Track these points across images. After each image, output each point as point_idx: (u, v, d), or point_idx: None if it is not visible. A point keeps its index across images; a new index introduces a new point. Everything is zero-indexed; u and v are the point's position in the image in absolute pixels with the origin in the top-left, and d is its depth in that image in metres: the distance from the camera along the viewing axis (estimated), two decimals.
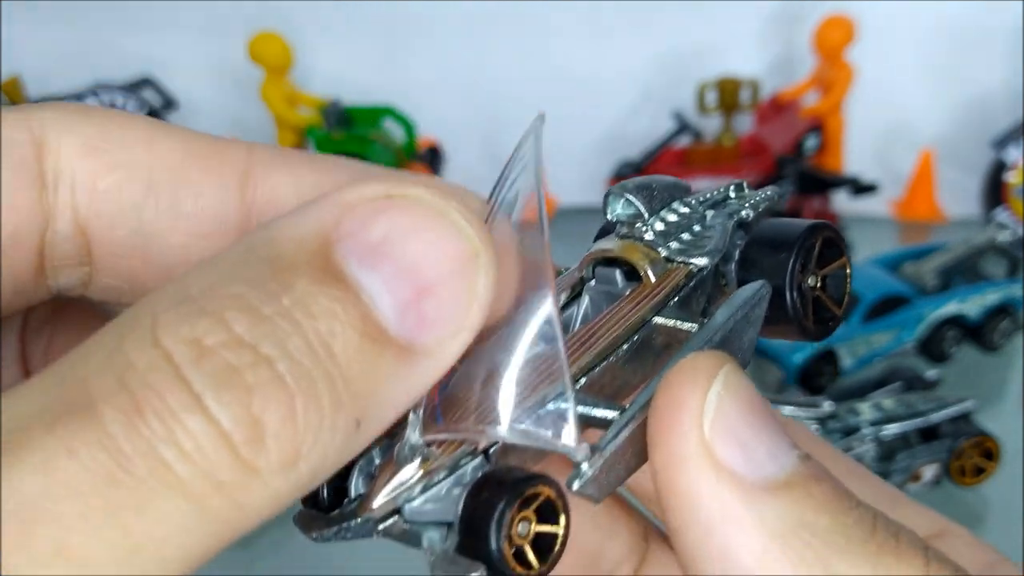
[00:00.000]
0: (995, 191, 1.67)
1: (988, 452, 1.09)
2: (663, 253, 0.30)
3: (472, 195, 0.26)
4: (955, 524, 0.27)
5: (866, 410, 1.08)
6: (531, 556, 0.24)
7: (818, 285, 0.30)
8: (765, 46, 1.75)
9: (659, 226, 0.30)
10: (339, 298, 0.22)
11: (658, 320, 0.28)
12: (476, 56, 1.76)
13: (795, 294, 0.29)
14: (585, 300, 0.30)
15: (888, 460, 1.05)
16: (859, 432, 1.04)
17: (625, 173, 1.66)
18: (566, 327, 0.29)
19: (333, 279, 0.22)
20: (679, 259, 0.29)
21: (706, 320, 0.28)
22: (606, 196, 0.31)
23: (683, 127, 1.69)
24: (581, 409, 0.26)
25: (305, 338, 0.21)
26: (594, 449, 0.25)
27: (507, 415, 0.25)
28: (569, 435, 0.25)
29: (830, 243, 0.30)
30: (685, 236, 0.30)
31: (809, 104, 1.69)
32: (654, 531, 0.36)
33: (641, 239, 0.30)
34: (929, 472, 1.07)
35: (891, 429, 1.05)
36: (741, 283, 0.30)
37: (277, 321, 0.21)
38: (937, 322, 1.35)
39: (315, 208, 0.23)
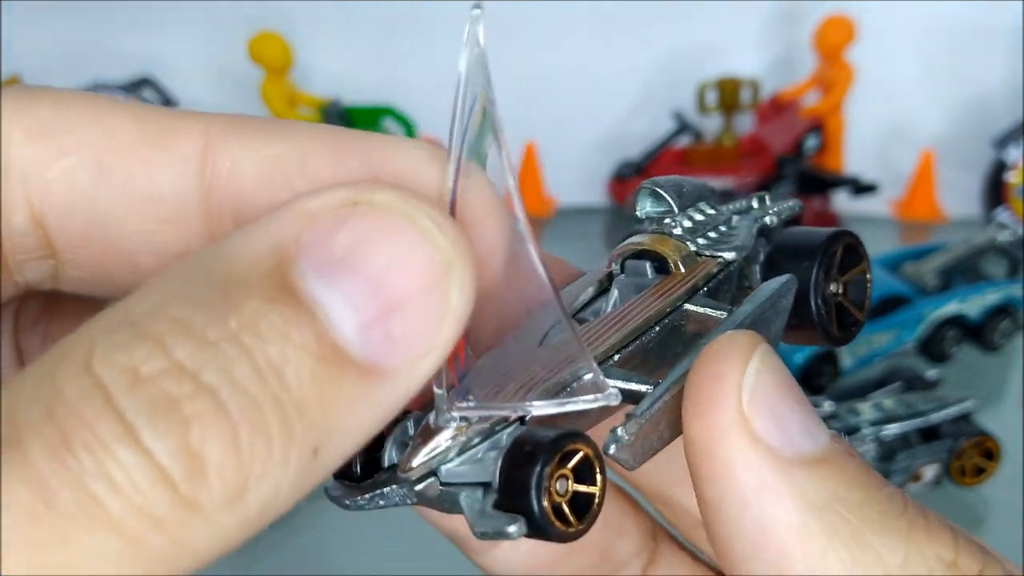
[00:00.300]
0: (995, 191, 1.67)
1: (988, 452, 1.09)
2: (692, 247, 0.30)
3: (441, 153, 0.24)
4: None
5: (866, 410, 1.08)
6: (569, 514, 0.24)
7: (840, 291, 0.30)
8: (765, 46, 1.75)
9: (687, 223, 0.31)
10: (292, 318, 0.20)
11: (689, 307, 0.29)
12: None
13: (819, 300, 0.30)
14: (614, 294, 0.30)
15: (888, 460, 1.05)
16: (859, 432, 1.04)
17: (625, 173, 1.66)
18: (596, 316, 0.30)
19: (287, 297, 0.21)
20: (707, 253, 0.30)
21: (735, 308, 0.28)
22: (636, 191, 0.31)
23: (683, 127, 1.69)
24: (615, 382, 0.26)
25: (253, 364, 0.20)
26: (629, 416, 0.25)
27: (542, 389, 0.25)
28: (604, 388, 0.25)
29: (850, 249, 0.31)
30: (712, 234, 0.31)
31: (809, 104, 1.69)
32: (662, 531, 0.36)
33: (670, 233, 0.30)
34: (929, 472, 1.07)
35: (891, 429, 1.05)
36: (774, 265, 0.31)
37: (222, 346, 0.20)
38: (937, 322, 1.36)
39: (273, 219, 0.21)
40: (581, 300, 0.30)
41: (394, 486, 0.26)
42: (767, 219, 0.31)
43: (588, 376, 0.25)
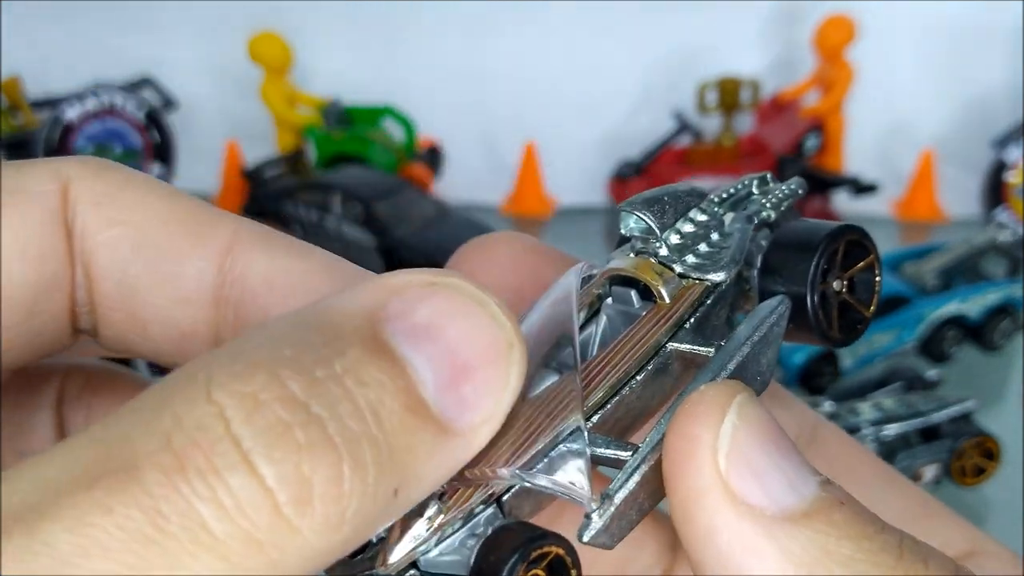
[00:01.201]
0: (996, 191, 1.67)
1: (989, 452, 1.09)
2: (678, 269, 0.29)
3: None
4: (990, 539, 0.27)
5: (866, 410, 1.08)
6: None
7: (844, 289, 0.29)
8: (765, 46, 1.75)
9: (675, 239, 0.29)
10: (387, 370, 0.22)
11: (673, 346, 0.28)
12: (476, 56, 1.76)
13: (815, 301, 0.28)
14: (603, 319, 0.29)
15: (889, 460, 1.05)
16: (859, 432, 1.04)
17: (625, 173, 1.66)
18: (584, 348, 0.29)
19: (381, 352, 0.23)
20: (695, 275, 0.29)
21: (723, 344, 0.27)
22: (619, 212, 0.30)
23: (683, 127, 1.69)
24: (593, 450, 0.26)
25: (355, 403, 0.22)
26: (604, 496, 0.25)
27: (519, 461, 0.25)
28: (581, 485, 0.25)
29: (856, 244, 0.30)
30: (702, 248, 0.29)
31: (809, 104, 1.69)
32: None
33: (655, 255, 0.29)
34: (930, 472, 1.07)
35: (892, 429, 1.05)
36: (763, 290, 0.29)
37: (329, 384, 0.22)
38: (938, 322, 1.36)
39: (363, 289, 0.24)
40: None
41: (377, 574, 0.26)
42: (764, 214, 0.30)
43: (581, 465, 0.25)
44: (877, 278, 0.30)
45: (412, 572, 0.26)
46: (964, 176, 1.70)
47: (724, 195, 0.31)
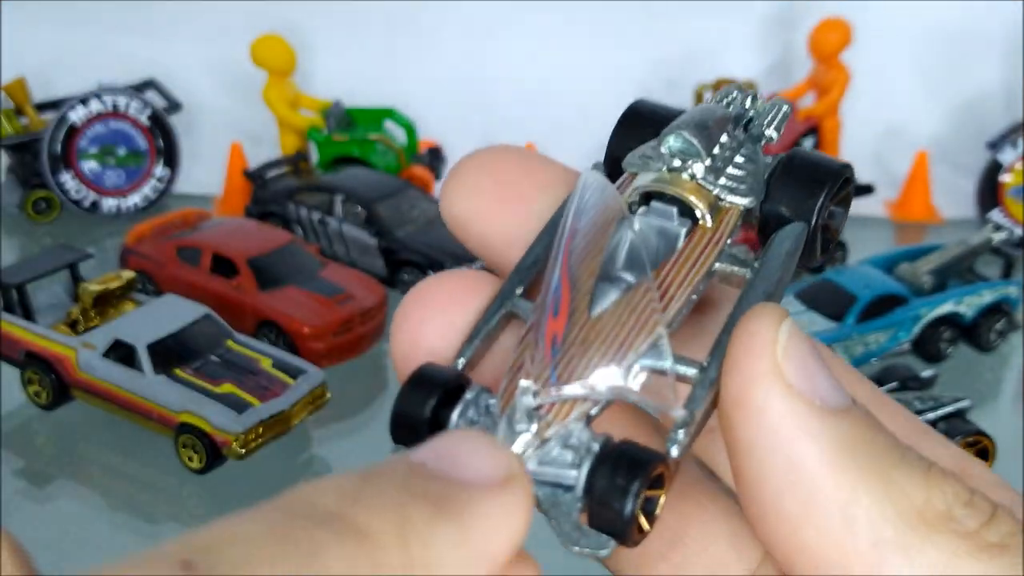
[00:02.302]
0: (990, 192, 1.68)
1: (983, 451, 1.11)
2: (714, 192, 0.30)
3: None
4: (977, 462, 0.28)
5: None
6: (644, 522, 0.25)
7: (827, 217, 0.31)
8: (762, 49, 1.77)
9: (708, 162, 0.30)
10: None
11: (717, 266, 0.29)
12: (476, 59, 1.77)
13: (818, 231, 0.30)
14: (636, 225, 0.30)
15: None
16: None
17: None
18: (612, 253, 0.29)
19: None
20: (728, 198, 0.30)
21: (756, 266, 0.29)
22: (665, 133, 0.30)
23: None
24: (670, 366, 0.27)
25: None
26: (687, 413, 0.26)
27: (618, 376, 0.26)
28: (671, 403, 0.26)
29: (847, 182, 0.31)
30: (731, 171, 0.31)
31: (806, 106, 1.71)
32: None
33: (693, 176, 0.30)
34: None
35: None
36: (766, 213, 0.31)
37: None
38: (932, 322, 1.37)
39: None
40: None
41: None
42: (768, 133, 0.31)
43: (662, 381, 0.26)
44: (846, 212, 0.32)
45: None
46: (959, 177, 1.71)
47: (730, 110, 0.32)
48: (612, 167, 0.32)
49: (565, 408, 0.26)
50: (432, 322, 0.29)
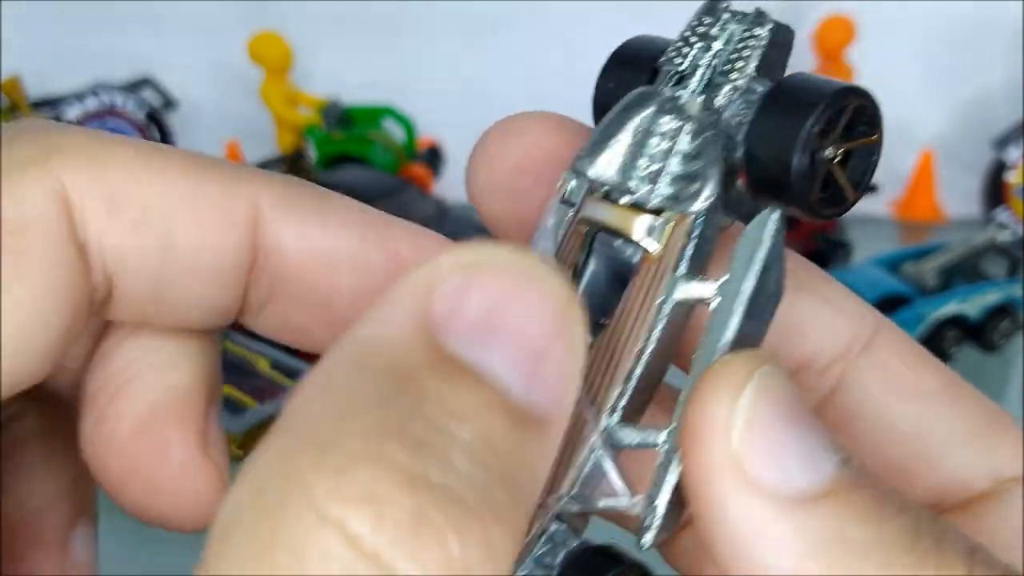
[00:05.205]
0: (996, 191, 1.67)
1: None
2: (654, 205, 0.25)
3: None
4: None
5: None
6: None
7: (835, 159, 0.25)
8: None
9: (641, 171, 0.25)
10: (474, 390, 0.20)
11: (676, 297, 0.25)
12: (476, 56, 1.76)
13: (803, 157, 0.24)
14: (591, 267, 0.26)
15: None
16: None
17: None
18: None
19: (458, 372, 0.20)
20: (676, 208, 0.25)
21: (717, 294, 0.24)
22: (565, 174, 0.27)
23: None
24: (626, 439, 0.24)
25: (466, 447, 0.19)
26: (648, 500, 0.24)
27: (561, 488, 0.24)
28: (622, 502, 0.24)
29: (863, 113, 0.26)
30: (674, 165, 0.25)
31: None
32: None
33: (625, 194, 0.26)
34: None
35: None
36: (750, 158, 0.25)
37: (432, 438, 0.19)
38: (937, 322, 1.35)
39: (398, 301, 0.21)
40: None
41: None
42: (727, 81, 0.25)
43: (607, 481, 0.24)
44: (875, 160, 0.26)
45: None
46: (964, 176, 1.70)
47: (678, 77, 0.27)
48: (600, 116, 0.28)
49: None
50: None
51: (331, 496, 0.18)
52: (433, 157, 1.75)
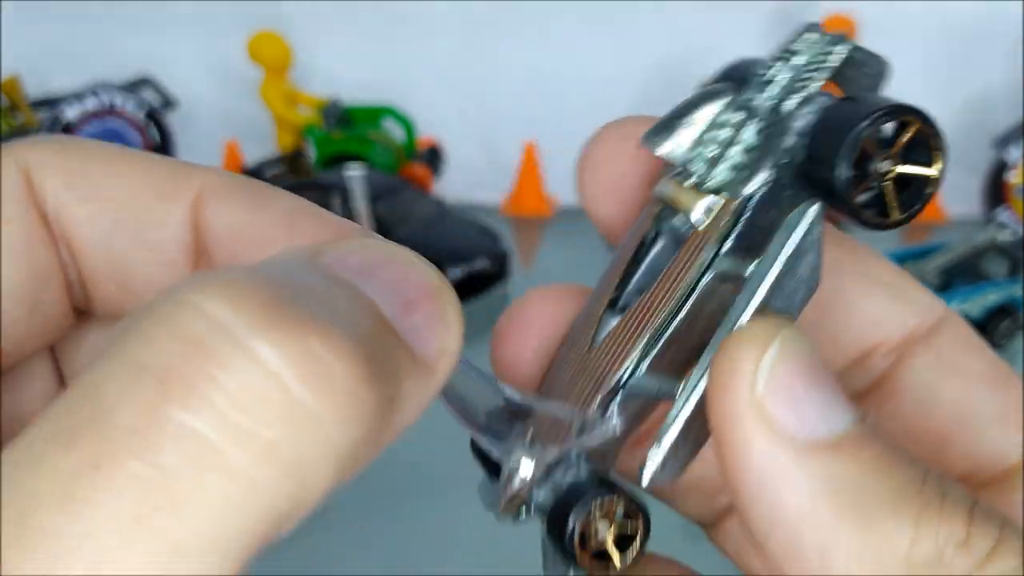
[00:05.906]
0: (996, 191, 1.67)
1: None
2: (710, 184, 0.27)
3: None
4: None
5: None
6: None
7: (889, 175, 0.27)
8: (765, 46, 1.75)
9: (707, 153, 0.27)
10: (353, 295, 0.21)
11: (715, 271, 0.27)
12: (476, 56, 1.76)
13: (848, 156, 0.25)
14: (660, 242, 0.29)
15: None
16: None
17: None
18: (649, 279, 0.28)
19: (336, 279, 0.21)
20: (727, 191, 0.27)
21: (759, 260, 0.26)
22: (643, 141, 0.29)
23: None
24: (648, 386, 0.26)
25: (350, 294, 0.21)
26: (656, 439, 0.25)
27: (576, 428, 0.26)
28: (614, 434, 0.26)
29: (926, 140, 0.27)
30: (734, 154, 0.27)
31: None
32: None
33: (688, 175, 0.27)
34: None
35: None
36: (808, 175, 0.27)
37: (314, 274, 0.21)
38: None
39: (301, 244, 0.23)
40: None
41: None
42: (792, 97, 0.27)
43: (614, 420, 0.26)
44: (928, 192, 0.27)
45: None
46: (965, 176, 1.70)
47: (760, 85, 0.29)
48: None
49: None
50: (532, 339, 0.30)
51: (194, 288, 0.18)
52: (433, 157, 1.75)
